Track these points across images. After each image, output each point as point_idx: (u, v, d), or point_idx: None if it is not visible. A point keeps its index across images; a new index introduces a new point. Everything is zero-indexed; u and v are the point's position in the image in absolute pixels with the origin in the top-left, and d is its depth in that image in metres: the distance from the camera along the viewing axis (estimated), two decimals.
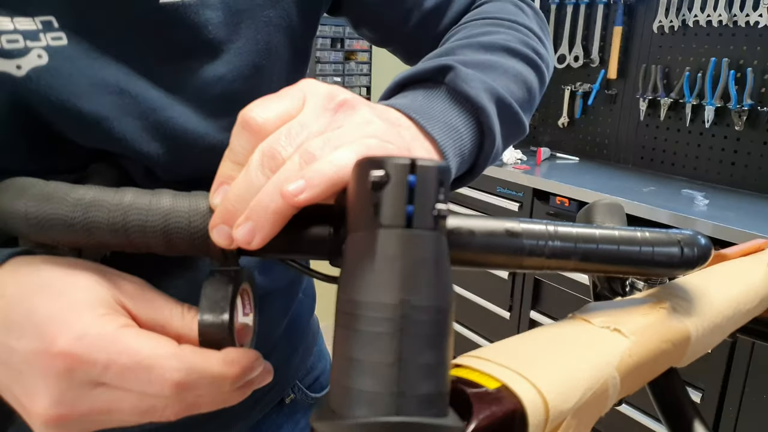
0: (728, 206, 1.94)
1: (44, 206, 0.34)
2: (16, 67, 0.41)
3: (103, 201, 0.34)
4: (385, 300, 0.27)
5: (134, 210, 0.34)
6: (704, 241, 0.42)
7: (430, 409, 0.27)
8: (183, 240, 0.35)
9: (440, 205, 0.28)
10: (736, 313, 0.48)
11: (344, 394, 0.27)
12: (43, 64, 0.41)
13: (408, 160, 0.28)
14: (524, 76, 0.56)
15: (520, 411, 0.31)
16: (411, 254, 0.27)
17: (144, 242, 0.35)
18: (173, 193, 0.35)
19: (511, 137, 0.54)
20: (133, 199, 0.35)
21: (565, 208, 2.10)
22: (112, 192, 0.35)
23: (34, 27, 0.41)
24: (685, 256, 0.40)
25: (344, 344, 0.27)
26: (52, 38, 0.42)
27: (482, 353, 0.35)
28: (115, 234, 0.34)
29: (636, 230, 0.40)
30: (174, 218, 0.34)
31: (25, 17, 0.41)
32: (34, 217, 0.34)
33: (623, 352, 0.38)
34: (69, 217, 0.34)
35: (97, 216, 0.34)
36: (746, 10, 2.07)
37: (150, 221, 0.34)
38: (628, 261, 0.39)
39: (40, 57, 0.41)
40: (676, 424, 0.53)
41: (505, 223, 0.37)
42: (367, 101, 0.38)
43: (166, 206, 0.35)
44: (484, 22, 0.62)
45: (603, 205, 0.50)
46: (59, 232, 0.34)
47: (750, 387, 1.64)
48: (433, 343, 0.27)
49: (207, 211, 0.35)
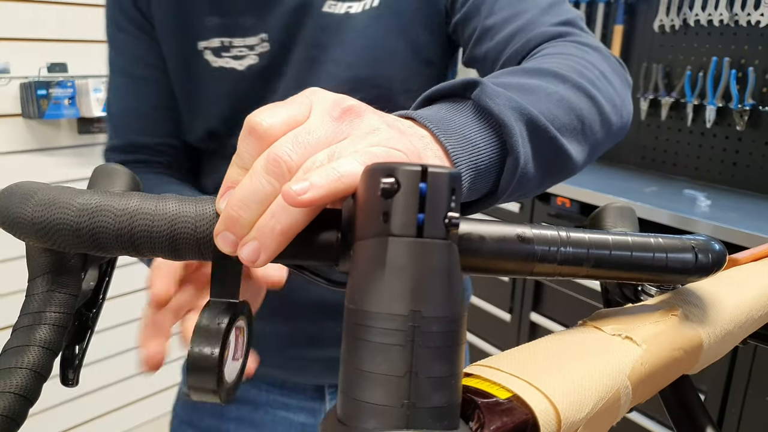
0: (730, 207, 1.93)
1: (50, 212, 0.33)
2: (239, 65, 0.65)
3: (108, 206, 0.34)
4: (395, 311, 0.26)
5: (140, 215, 0.33)
6: (719, 247, 0.41)
7: (442, 422, 0.26)
8: (189, 246, 0.34)
9: (452, 213, 0.27)
10: (749, 320, 0.48)
11: (353, 405, 0.26)
12: (256, 63, 0.71)
13: (419, 167, 0.27)
14: (571, 103, 0.53)
15: (532, 422, 0.31)
16: (422, 264, 0.26)
17: (150, 248, 0.34)
18: (179, 198, 0.35)
19: (551, 166, 0.51)
20: (139, 203, 0.34)
21: (566, 209, 2.09)
22: (117, 197, 0.34)
23: (256, 42, 0.76)
24: (699, 263, 0.40)
25: (354, 355, 0.27)
26: (262, 48, 0.76)
27: (493, 362, 0.35)
28: (121, 240, 0.33)
29: (650, 236, 0.39)
30: (180, 223, 0.34)
31: (254, 36, 0.76)
32: (40, 222, 0.33)
33: (635, 360, 0.37)
34: (75, 222, 0.33)
35: (104, 221, 0.33)
36: (747, 9, 2.06)
37: (156, 226, 0.33)
38: (641, 267, 0.39)
39: (253, 59, 0.72)
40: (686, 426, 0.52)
41: (516, 229, 0.36)
42: (374, 109, 0.38)
43: (172, 211, 0.34)
44: (543, 54, 0.63)
45: (614, 208, 0.49)
46: (66, 238, 0.33)
47: (752, 389, 1.63)
48: (444, 354, 0.27)
49: (213, 216, 0.34)
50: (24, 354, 0.35)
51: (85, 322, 0.44)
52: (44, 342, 0.36)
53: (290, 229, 0.32)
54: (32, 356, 0.36)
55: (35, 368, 0.36)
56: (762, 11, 2.03)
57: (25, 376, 0.35)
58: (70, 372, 0.43)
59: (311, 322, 0.86)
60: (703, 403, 0.52)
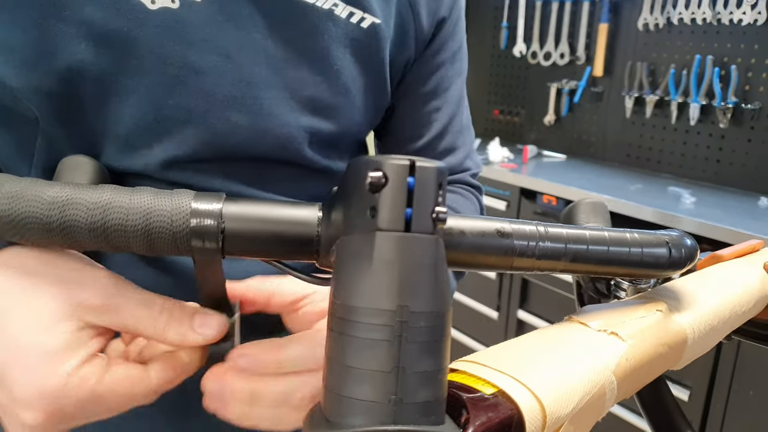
0: (715, 204, 1.94)
1: (18, 205, 0.32)
2: (151, 1, 0.46)
3: (80, 199, 0.32)
4: (382, 306, 0.26)
5: (113, 209, 0.32)
6: (690, 242, 0.42)
7: (428, 417, 0.26)
8: (165, 241, 0.33)
9: (439, 208, 0.27)
10: (732, 315, 0.48)
11: (339, 402, 0.26)
12: (174, 7, 0.47)
13: (407, 161, 0.27)
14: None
15: (518, 417, 0.31)
16: (409, 259, 0.26)
17: (124, 243, 0.33)
18: (154, 191, 0.34)
19: None
20: (112, 196, 0.33)
21: (553, 207, 2.10)
22: (90, 189, 0.33)
23: None
24: (672, 257, 0.41)
25: (339, 351, 0.27)
26: None
27: (478, 358, 0.34)
28: (94, 234, 0.32)
29: (625, 231, 0.40)
30: (155, 218, 0.32)
31: None
32: (7, 216, 0.32)
33: (620, 355, 0.38)
34: (45, 216, 0.32)
35: (75, 215, 0.32)
36: (730, 7, 2.08)
37: (130, 221, 0.32)
38: (617, 262, 0.39)
39: (173, 2, 0.47)
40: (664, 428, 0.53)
41: (495, 224, 0.36)
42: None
43: (146, 205, 0.33)
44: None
45: (587, 204, 0.50)
46: (35, 233, 0.32)
47: (737, 384, 1.65)
48: (431, 349, 0.27)
49: (189, 209, 0.33)
50: None
51: None
52: None
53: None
54: None
55: None
56: (744, 10, 2.05)
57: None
58: None
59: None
60: (677, 401, 0.53)
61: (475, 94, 3.05)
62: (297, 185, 0.58)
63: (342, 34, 0.55)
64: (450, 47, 0.67)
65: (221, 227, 0.33)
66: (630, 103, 2.41)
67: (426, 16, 0.62)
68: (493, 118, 3.02)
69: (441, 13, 0.63)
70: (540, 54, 2.71)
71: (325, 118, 0.57)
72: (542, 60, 2.71)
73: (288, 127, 0.54)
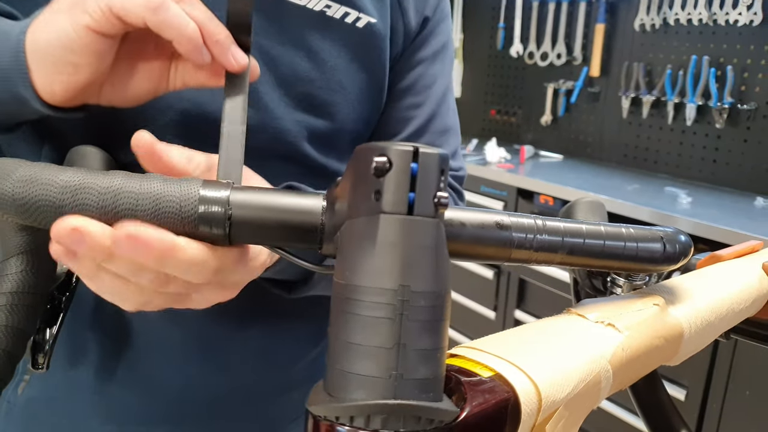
0: (711, 204, 1.95)
1: (32, 189, 0.33)
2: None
3: (92, 184, 0.33)
4: (385, 285, 0.27)
5: (124, 194, 0.33)
6: (685, 238, 0.43)
7: (427, 393, 0.27)
8: (174, 226, 0.34)
9: (441, 193, 0.28)
10: (729, 313, 0.48)
11: (342, 377, 0.27)
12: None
13: (411, 147, 0.28)
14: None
15: (514, 399, 0.31)
16: (412, 240, 0.28)
17: None
18: (163, 178, 0.35)
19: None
20: (123, 182, 0.34)
21: (549, 207, 2.11)
22: (102, 175, 0.34)
23: None
24: (667, 252, 0.42)
25: (342, 328, 0.28)
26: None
27: (477, 344, 0.35)
28: (104, 218, 0.33)
29: (621, 226, 0.41)
30: (165, 203, 0.33)
31: None
32: (21, 199, 0.33)
33: (617, 346, 0.38)
34: (58, 200, 0.33)
35: (87, 200, 0.33)
36: (726, 8, 2.09)
37: (140, 206, 0.33)
38: (613, 256, 0.40)
39: None
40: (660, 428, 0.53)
41: (495, 216, 0.37)
42: None
43: (156, 191, 0.34)
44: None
45: (585, 203, 0.51)
46: (48, 216, 0.33)
47: (733, 383, 1.65)
48: (431, 328, 0.28)
49: (198, 196, 0.34)
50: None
51: (57, 306, 0.43)
52: (17, 323, 0.36)
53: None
54: (3, 337, 0.35)
55: (7, 349, 0.35)
56: (740, 10, 2.06)
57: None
58: (41, 356, 0.43)
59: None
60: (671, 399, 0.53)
61: (472, 94, 3.06)
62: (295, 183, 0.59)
63: (336, 33, 0.56)
64: (431, 45, 0.67)
65: (228, 214, 0.34)
66: (627, 104, 2.42)
67: (414, 15, 0.63)
68: (490, 119, 3.03)
69: (426, 12, 0.64)
70: (537, 54, 2.72)
71: (320, 115, 0.58)
72: (539, 60, 2.71)
73: (283, 121, 0.55)
